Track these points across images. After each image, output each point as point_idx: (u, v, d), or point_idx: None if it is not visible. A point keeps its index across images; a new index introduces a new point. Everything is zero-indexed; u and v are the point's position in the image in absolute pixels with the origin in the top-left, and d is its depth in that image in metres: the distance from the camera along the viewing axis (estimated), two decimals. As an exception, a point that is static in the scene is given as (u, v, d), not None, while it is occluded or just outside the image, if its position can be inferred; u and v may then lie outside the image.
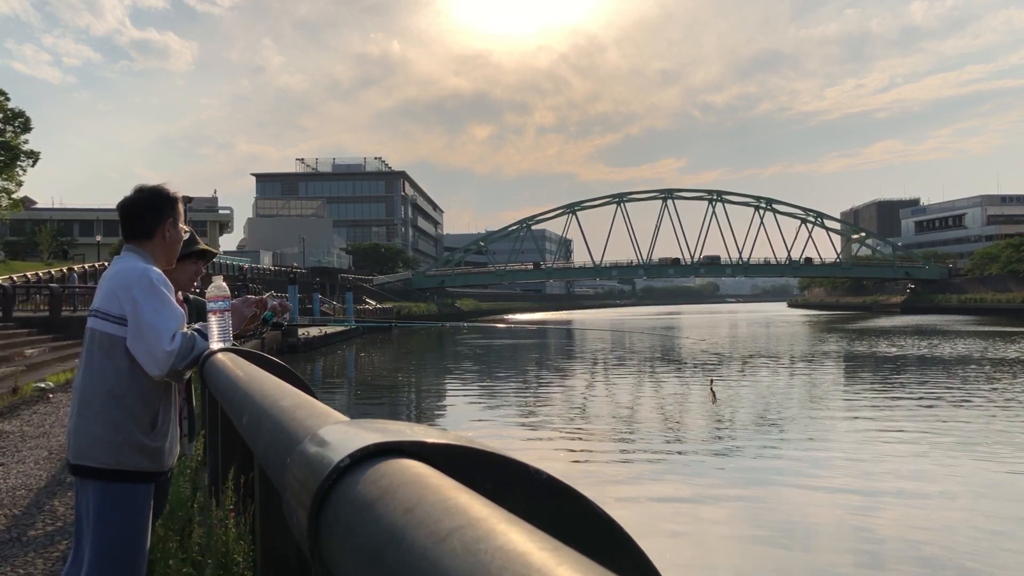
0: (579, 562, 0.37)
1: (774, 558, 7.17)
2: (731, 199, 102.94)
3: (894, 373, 22.83)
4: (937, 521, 8.12)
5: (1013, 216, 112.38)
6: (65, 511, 5.36)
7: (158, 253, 2.67)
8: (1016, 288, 70.84)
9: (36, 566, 4.30)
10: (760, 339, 42.20)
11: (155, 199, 2.67)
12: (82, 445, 2.45)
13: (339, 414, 1.01)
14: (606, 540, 0.59)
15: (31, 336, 19.27)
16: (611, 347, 38.33)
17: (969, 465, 10.54)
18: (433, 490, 0.49)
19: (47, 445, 7.84)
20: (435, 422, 15.68)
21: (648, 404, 17.79)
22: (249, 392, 1.54)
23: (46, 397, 11.43)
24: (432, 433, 0.63)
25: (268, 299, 3.11)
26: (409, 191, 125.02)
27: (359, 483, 0.56)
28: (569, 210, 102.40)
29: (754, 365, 26.57)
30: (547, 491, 0.58)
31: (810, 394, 18.75)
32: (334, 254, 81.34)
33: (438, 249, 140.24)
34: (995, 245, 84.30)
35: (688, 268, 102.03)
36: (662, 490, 9.63)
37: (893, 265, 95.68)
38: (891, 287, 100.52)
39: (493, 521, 0.42)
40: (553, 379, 23.78)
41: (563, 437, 13.25)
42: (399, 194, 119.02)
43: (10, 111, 38.17)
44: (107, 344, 2.48)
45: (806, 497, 9.13)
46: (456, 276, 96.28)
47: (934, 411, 15.23)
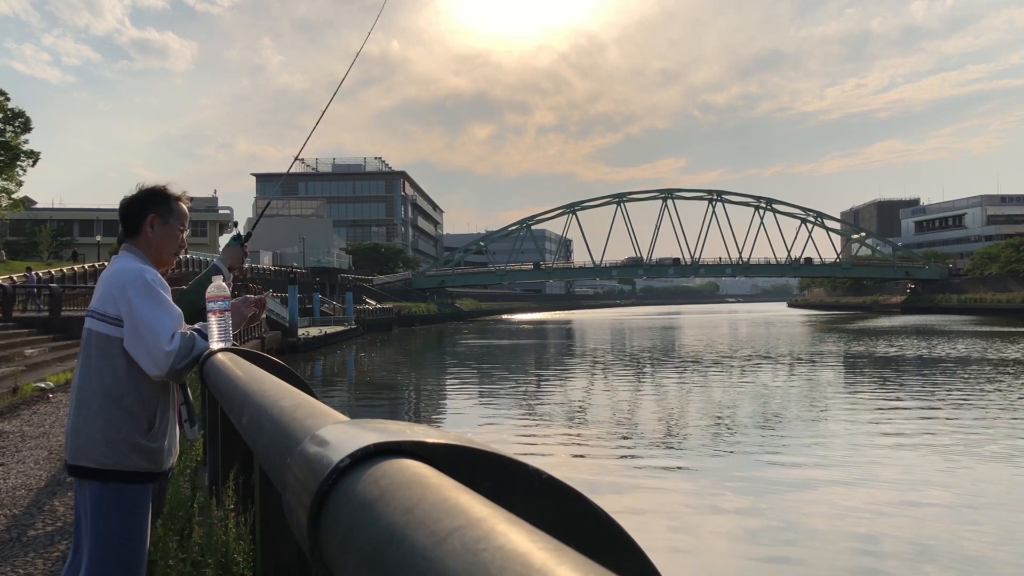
0: (579, 562, 0.37)
1: (774, 558, 7.17)
2: (731, 199, 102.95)
3: (894, 374, 22.82)
4: (937, 521, 8.12)
5: (1013, 216, 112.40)
6: (65, 511, 5.36)
7: (146, 250, 2.65)
8: (1016, 288, 70.84)
9: (36, 566, 4.30)
10: (760, 339, 42.19)
11: (143, 195, 2.67)
12: (80, 445, 2.45)
13: (339, 414, 1.01)
14: (606, 540, 0.59)
15: (31, 336, 19.27)
16: (611, 347, 38.33)
17: (969, 465, 10.54)
18: (433, 490, 0.49)
19: (47, 445, 7.84)
20: (435, 422, 15.68)
21: (648, 404, 17.78)
22: (249, 392, 1.54)
23: (46, 397, 11.43)
24: (432, 433, 0.62)
25: (267, 298, 3.11)
26: (409, 191, 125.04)
27: (359, 483, 0.56)
28: (569, 210, 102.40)
29: (754, 365, 26.57)
30: (547, 491, 0.58)
31: (810, 395, 18.75)
32: (334, 254, 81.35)
33: (438, 249, 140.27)
34: (995, 245, 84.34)
35: (688, 268, 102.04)
36: (662, 490, 9.63)
37: (893, 265, 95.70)
38: (891, 287, 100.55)
39: (493, 521, 0.42)
40: (553, 379, 23.78)
41: (563, 437, 13.25)
42: (399, 194, 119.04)
43: (10, 111, 38.16)
44: (104, 344, 2.48)
45: (806, 497, 9.13)
46: (456, 276, 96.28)
47: (934, 412, 15.22)
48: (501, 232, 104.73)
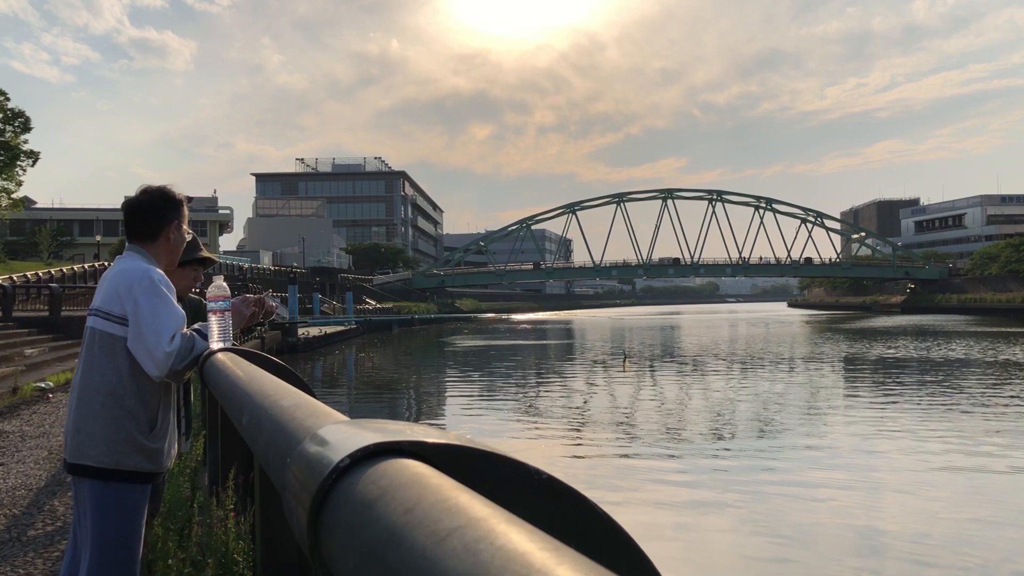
0: (579, 562, 0.37)
1: (774, 558, 7.17)
2: (731, 199, 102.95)
3: (894, 374, 22.83)
4: (937, 521, 8.12)
5: (1013, 216, 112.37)
6: (65, 511, 5.36)
7: (161, 255, 2.67)
8: (1016, 288, 70.88)
9: (36, 566, 4.30)
10: (760, 339, 42.20)
11: (161, 201, 2.66)
12: (81, 444, 2.45)
13: (339, 414, 1.01)
14: (606, 540, 0.59)
15: (31, 336, 19.28)
16: (611, 347, 38.33)
17: (970, 465, 10.54)
18: (433, 490, 0.49)
19: (47, 445, 7.84)
20: (435, 422, 15.68)
21: (648, 403, 17.78)
22: (249, 392, 1.54)
23: (46, 397, 11.43)
24: (432, 433, 0.63)
25: (266, 298, 3.11)
26: (409, 191, 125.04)
27: (359, 483, 0.56)
28: (569, 210, 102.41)
29: (754, 365, 26.57)
30: (547, 491, 0.58)
31: (809, 395, 18.75)
32: (334, 254, 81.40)
33: (438, 249, 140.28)
34: (995, 245, 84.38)
35: (688, 268, 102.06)
36: (662, 490, 9.63)
37: (893, 265, 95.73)
38: (891, 287, 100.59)
39: (493, 521, 0.42)
40: (553, 379, 23.78)
41: (563, 437, 13.26)
42: (399, 194, 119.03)
43: (10, 111, 38.13)
44: (108, 344, 2.48)
45: (806, 497, 9.13)
46: (456, 276, 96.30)
47: (934, 412, 15.23)
48: (501, 232, 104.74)
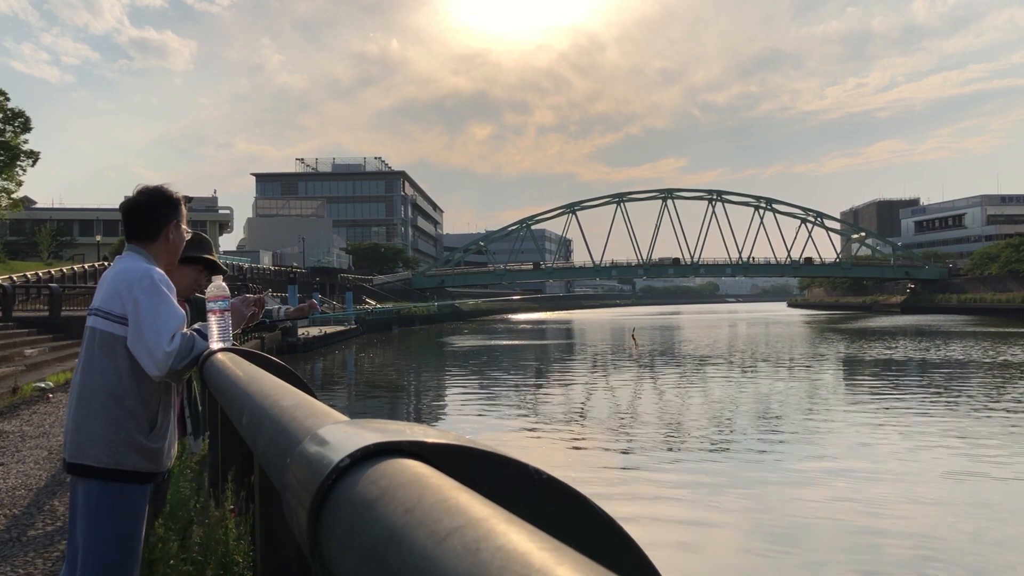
0: (579, 562, 0.37)
1: (774, 558, 7.17)
2: (731, 199, 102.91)
3: (893, 374, 22.83)
4: (938, 521, 8.12)
5: (1013, 216, 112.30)
6: (65, 511, 5.36)
7: (160, 254, 2.66)
8: (1016, 288, 70.86)
9: (36, 566, 4.30)
10: (759, 339, 42.19)
11: (159, 201, 2.66)
12: (81, 443, 2.44)
13: (339, 414, 1.01)
14: (606, 540, 0.59)
15: (31, 336, 19.27)
16: (611, 347, 38.32)
17: (970, 465, 10.54)
18: (433, 490, 0.49)
19: (47, 445, 7.84)
20: (435, 422, 15.68)
21: (648, 403, 17.78)
22: (249, 392, 1.54)
23: (46, 397, 11.43)
24: (432, 433, 0.63)
25: (265, 298, 3.11)
26: (409, 191, 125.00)
27: (359, 483, 0.56)
28: (569, 210, 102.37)
29: (753, 365, 26.57)
30: (547, 491, 0.58)
31: (809, 395, 18.75)
32: (334, 254, 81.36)
33: (438, 249, 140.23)
34: (995, 245, 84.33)
35: (688, 268, 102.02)
36: (662, 490, 9.63)
37: (893, 265, 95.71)
38: (891, 287, 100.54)
39: (493, 521, 0.42)
40: (553, 379, 23.78)
41: (563, 437, 13.25)
42: (399, 194, 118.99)
43: (10, 111, 38.11)
44: (108, 343, 2.48)
45: (806, 497, 9.13)
46: (456, 276, 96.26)
47: (934, 413, 15.23)
48: (501, 232, 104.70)
